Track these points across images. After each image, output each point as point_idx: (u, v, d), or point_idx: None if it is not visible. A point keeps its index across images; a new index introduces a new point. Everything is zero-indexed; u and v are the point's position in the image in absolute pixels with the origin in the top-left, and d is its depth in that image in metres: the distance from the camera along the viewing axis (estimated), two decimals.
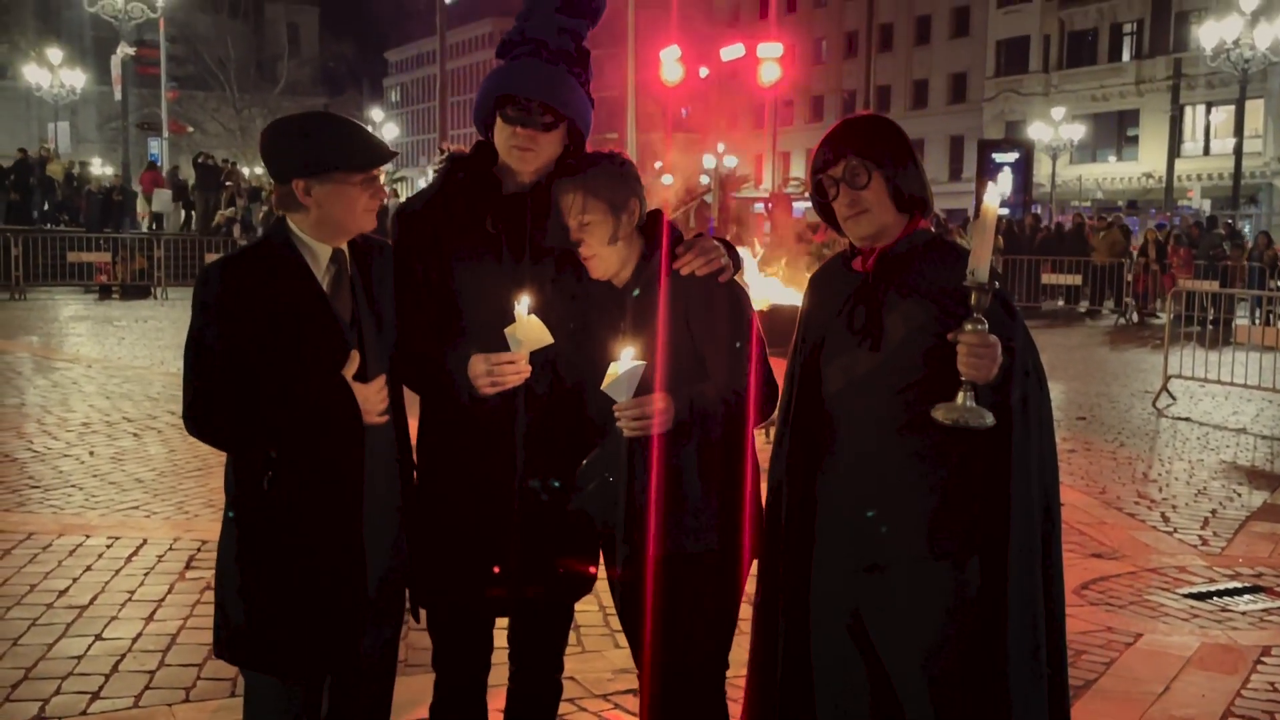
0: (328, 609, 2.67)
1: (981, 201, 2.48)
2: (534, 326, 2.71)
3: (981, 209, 2.39)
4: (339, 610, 2.68)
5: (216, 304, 2.64)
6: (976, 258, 2.32)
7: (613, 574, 2.94)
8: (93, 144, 55.67)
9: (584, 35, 2.97)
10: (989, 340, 2.34)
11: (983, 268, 2.32)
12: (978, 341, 2.33)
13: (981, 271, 2.32)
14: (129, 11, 27.70)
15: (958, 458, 2.51)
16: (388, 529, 2.80)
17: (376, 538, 2.74)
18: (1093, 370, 14.62)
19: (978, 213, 2.55)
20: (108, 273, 22.38)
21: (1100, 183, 46.62)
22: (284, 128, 2.74)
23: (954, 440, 2.46)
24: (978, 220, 2.38)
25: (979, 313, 2.33)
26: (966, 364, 2.35)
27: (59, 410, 9.69)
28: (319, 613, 2.66)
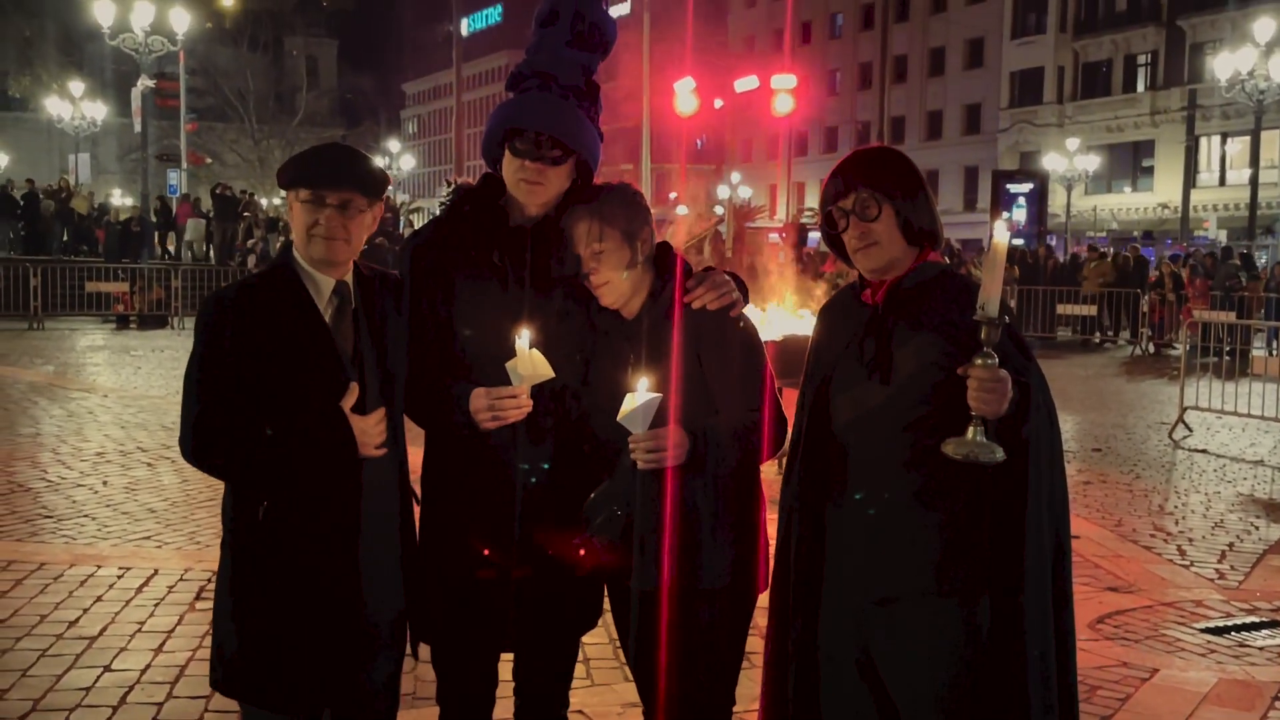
0: (322, 641, 2.66)
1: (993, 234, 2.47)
2: (535, 360, 2.71)
3: (991, 244, 2.37)
4: (334, 643, 2.67)
5: (217, 333, 2.65)
6: (987, 292, 2.31)
7: (620, 608, 2.93)
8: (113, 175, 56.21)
9: (594, 69, 2.99)
10: (999, 375, 2.32)
11: (993, 302, 2.30)
12: (988, 376, 2.31)
13: (992, 306, 2.30)
14: (149, 45, 27.97)
15: (968, 493, 2.49)
16: (386, 562, 2.79)
17: (374, 570, 2.73)
18: (1108, 401, 14.54)
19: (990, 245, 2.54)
20: (125, 303, 22.52)
21: (1115, 213, 46.55)
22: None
23: (964, 475, 2.44)
24: (987, 255, 2.36)
25: (989, 347, 2.32)
26: (977, 399, 2.33)
27: (74, 440, 9.73)
28: (313, 645, 2.66)
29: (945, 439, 2.37)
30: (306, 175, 2.72)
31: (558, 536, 2.84)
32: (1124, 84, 47.92)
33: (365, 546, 2.73)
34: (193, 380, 2.68)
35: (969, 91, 53.81)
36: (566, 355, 2.83)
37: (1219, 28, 42.74)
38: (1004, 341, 2.45)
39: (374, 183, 2.76)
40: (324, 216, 2.68)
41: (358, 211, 2.73)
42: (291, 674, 2.65)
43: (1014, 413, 2.38)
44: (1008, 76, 51.48)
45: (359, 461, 2.69)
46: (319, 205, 2.68)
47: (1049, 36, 49.74)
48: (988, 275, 2.31)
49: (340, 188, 2.70)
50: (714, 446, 2.75)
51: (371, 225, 2.81)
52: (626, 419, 2.67)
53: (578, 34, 2.94)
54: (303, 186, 2.71)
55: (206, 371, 2.66)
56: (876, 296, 2.66)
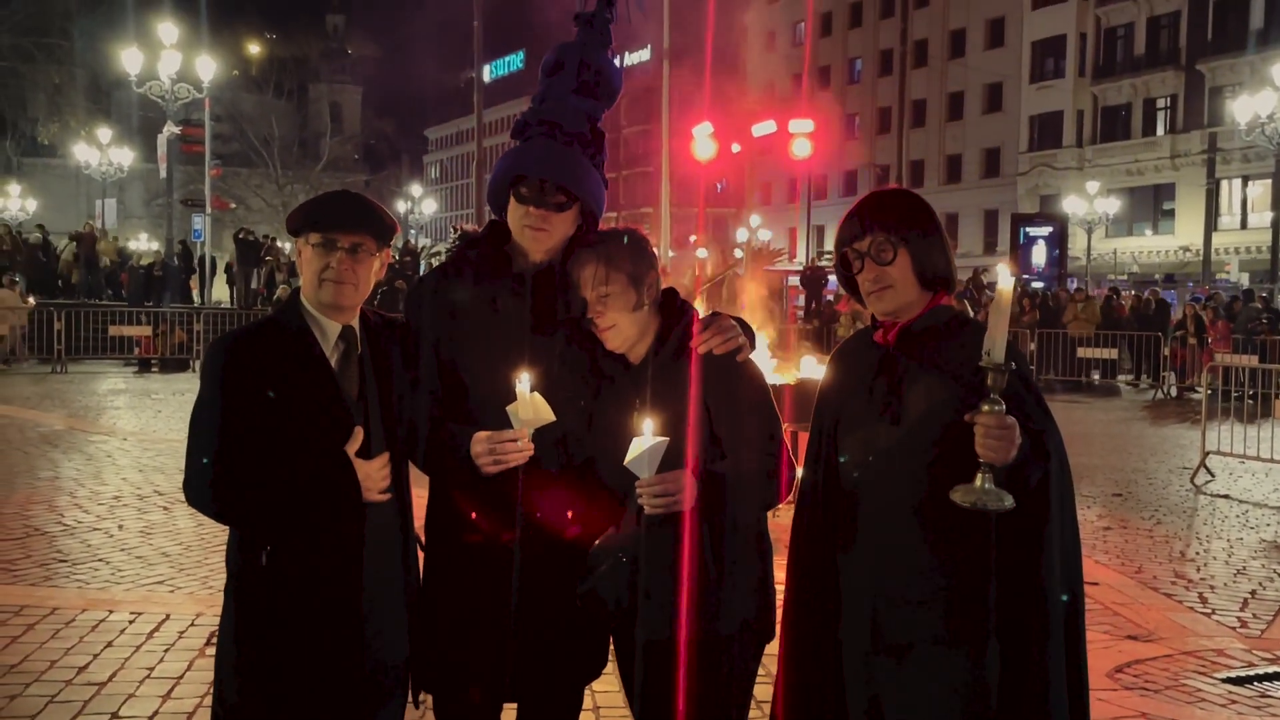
0: (325, 688, 2.64)
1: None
2: (536, 404, 2.70)
3: (996, 290, 2.36)
4: (337, 690, 2.66)
5: (222, 377, 2.66)
6: (992, 338, 2.28)
7: (626, 658, 2.90)
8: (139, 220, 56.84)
9: (599, 117, 3.01)
10: (1006, 422, 2.29)
11: (999, 348, 2.28)
12: (995, 423, 2.28)
13: (998, 351, 2.28)
14: (175, 92, 28.37)
15: (979, 540, 2.45)
16: (389, 608, 2.77)
17: (377, 617, 2.72)
18: (1129, 445, 14.41)
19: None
20: (146, 346, 22.69)
21: (1137, 256, 46.44)
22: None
23: (975, 521, 2.40)
24: (993, 301, 2.35)
25: (996, 393, 2.29)
26: (984, 445, 2.29)
27: (91, 484, 9.77)
28: (316, 692, 2.64)
29: (955, 484, 2.34)
30: (317, 219, 2.74)
31: (561, 584, 2.82)
32: (1144, 127, 47.99)
33: (368, 593, 2.71)
34: (198, 425, 2.69)
35: (988, 135, 53.98)
36: (569, 400, 2.83)
37: (1238, 71, 42.80)
38: (1016, 387, 2.43)
39: (384, 228, 2.78)
40: (335, 260, 2.70)
41: (368, 256, 2.75)
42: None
43: (1024, 460, 2.35)
44: (1027, 120, 51.64)
45: (363, 507, 2.69)
46: (330, 249, 2.70)
47: (1068, 80, 49.92)
48: (993, 321, 2.29)
49: (351, 231, 2.72)
50: (721, 491, 2.73)
51: (379, 271, 2.83)
52: (633, 463, 2.65)
53: (583, 83, 2.96)
54: (313, 230, 2.73)
55: (211, 416, 2.66)
56: (888, 337, 2.65)
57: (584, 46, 3.02)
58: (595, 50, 3.02)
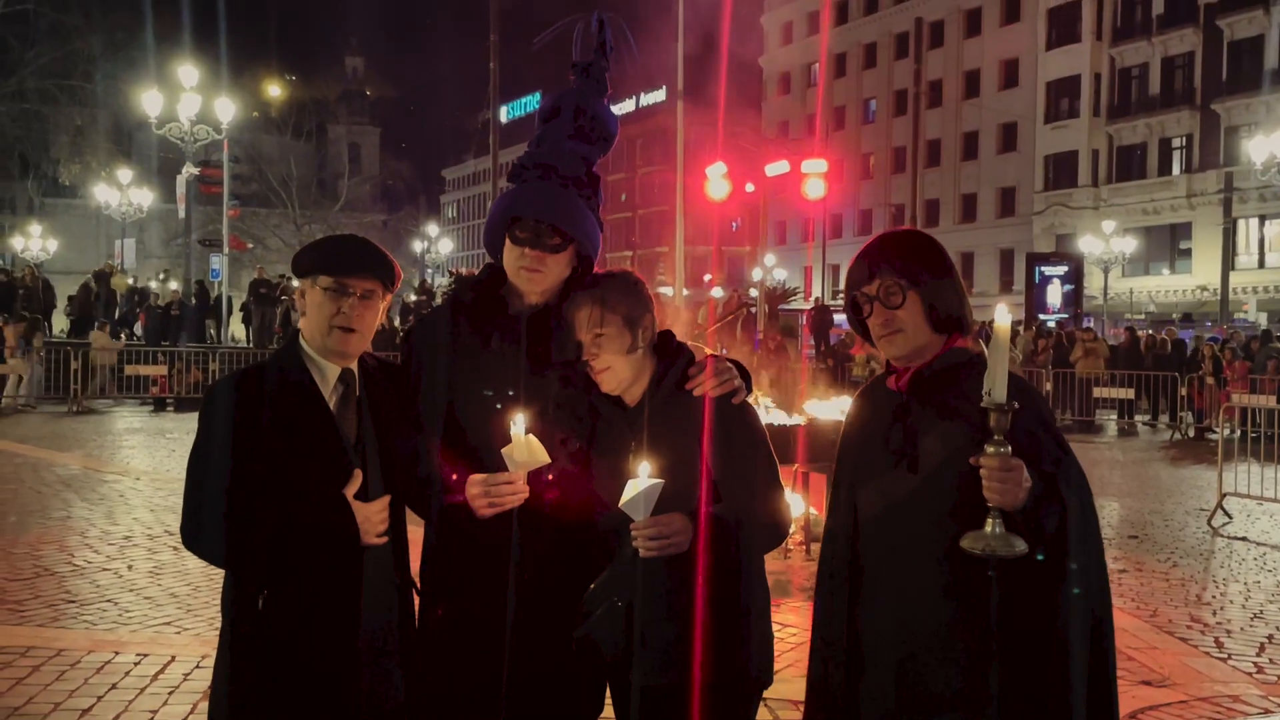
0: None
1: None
2: (531, 446, 2.69)
3: (994, 329, 2.33)
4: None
5: (221, 419, 2.67)
6: (992, 377, 2.25)
7: (621, 704, 2.87)
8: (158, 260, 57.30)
9: (594, 161, 3.02)
10: (1011, 464, 2.24)
11: (999, 387, 2.24)
12: (999, 465, 2.24)
13: (999, 391, 2.24)
14: (195, 134, 28.66)
15: (1000, 590, 2.37)
16: (385, 652, 2.75)
17: (372, 660, 2.71)
18: (1145, 487, 14.29)
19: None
20: (163, 386, 22.79)
21: (1153, 296, 46.30)
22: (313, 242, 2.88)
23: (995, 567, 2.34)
24: (991, 340, 2.31)
25: (1000, 434, 2.25)
26: (990, 489, 2.25)
27: (103, 523, 9.78)
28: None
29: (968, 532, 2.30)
30: (329, 264, 2.74)
31: (555, 628, 2.80)
32: (1159, 167, 48.02)
33: (365, 637, 2.70)
34: (195, 468, 2.70)
35: (1003, 174, 54.09)
36: (565, 442, 2.82)
37: (1253, 111, 42.85)
38: (1033, 428, 2.39)
39: (392, 274, 2.80)
40: (347, 305, 2.71)
41: (376, 301, 2.77)
42: None
43: (1037, 504, 2.29)
44: (1041, 159, 51.74)
45: (360, 550, 2.68)
46: (342, 294, 2.71)
47: (1082, 120, 50.03)
48: (992, 360, 2.25)
49: (364, 277, 2.73)
50: (718, 534, 2.71)
51: (382, 316, 2.84)
52: (628, 505, 2.63)
53: (579, 128, 2.98)
54: (324, 274, 2.73)
55: (209, 459, 2.67)
56: (900, 383, 2.61)
57: (580, 93, 3.04)
58: (591, 97, 3.04)
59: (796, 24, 67.06)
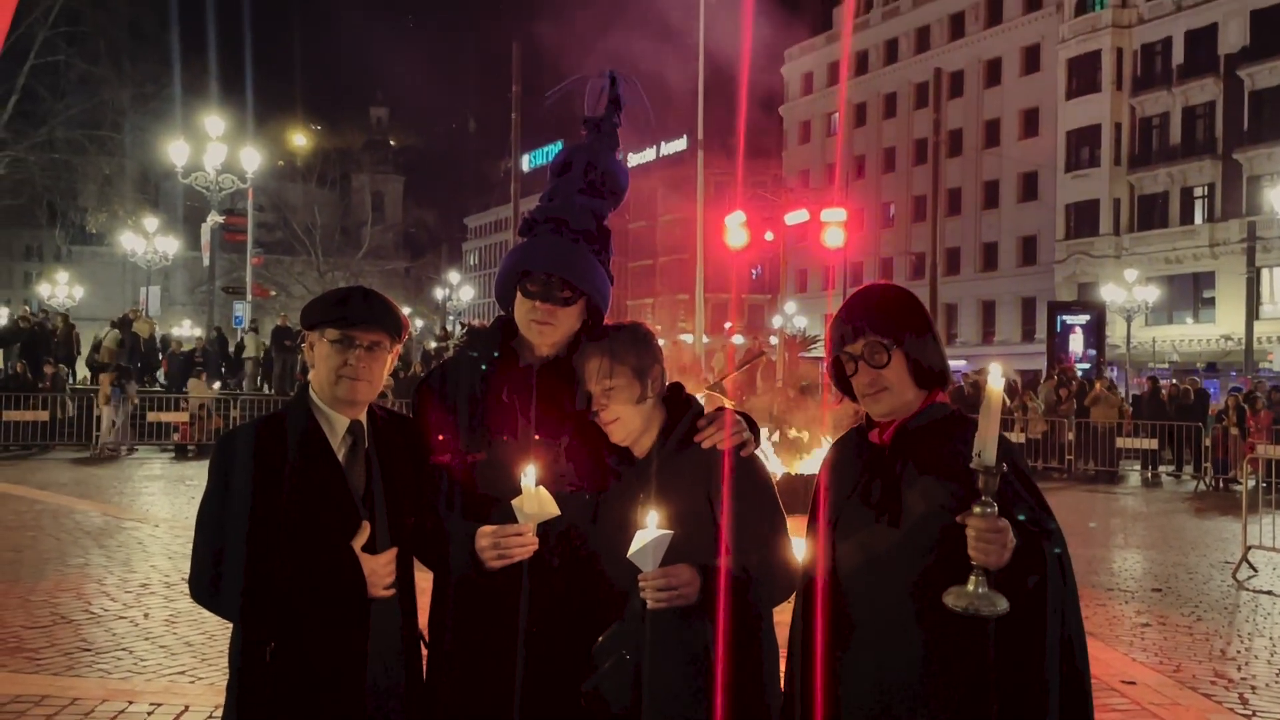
0: None
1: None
2: (541, 498, 2.70)
3: (985, 390, 2.33)
4: None
5: (229, 472, 2.68)
6: (983, 439, 2.26)
7: None
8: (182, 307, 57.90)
9: (605, 215, 3.05)
10: (998, 525, 2.25)
11: (989, 449, 2.25)
12: (986, 526, 2.24)
13: (988, 453, 2.25)
14: (220, 183, 29.03)
15: (981, 648, 2.38)
16: (392, 706, 2.74)
17: (380, 714, 2.69)
18: (1169, 538, 14.13)
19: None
20: (184, 433, 22.91)
21: (1177, 345, 46.03)
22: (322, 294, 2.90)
23: (977, 629, 2.34)
24: (983, 401, 2.31)
25: (988, 495, 2.26)
26: (976, 549, 2.25)
27: (120, 571, 9.79)
28: None
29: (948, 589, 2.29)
30: (337, 316, 2.77)
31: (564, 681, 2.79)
32: (1181, 216, 47.94)
33: (372, 690, 2.69)
34: (204, 519, 2.70)
35: (1024, 223, 54.10)
36: (574, 493, 2.82)
37: (1275, 161, 42.83)
38: (1013, 487, 2.39)
39: (399, 326, 2.82)
40: (353, 357, 2.73)
41: (383, 353, 2.79)
42: None
43: (1020, 563, 2.29)
44: (1063, 208, 51.73)
45: (368, 603, 2.68)
46: (348, 346, 2.73)
47: (1103, 170, 50.07)
48: (983, 421, 2.26)
49: (370, 329, 2.75)
50: (726, 586, 2.70)
51: (391, 367, 2.86)
52: (636, 556, 2.63)
53: (590, 183, 3.02)
54: (331, 327, 2.76)
55: (217, 511, 2.68)
56: (884, 436, 2.62)
57: (592, 149, 3.08)
58: (603, 152, 3.08)
59: (816, 74, 67.58)
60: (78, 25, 35.59)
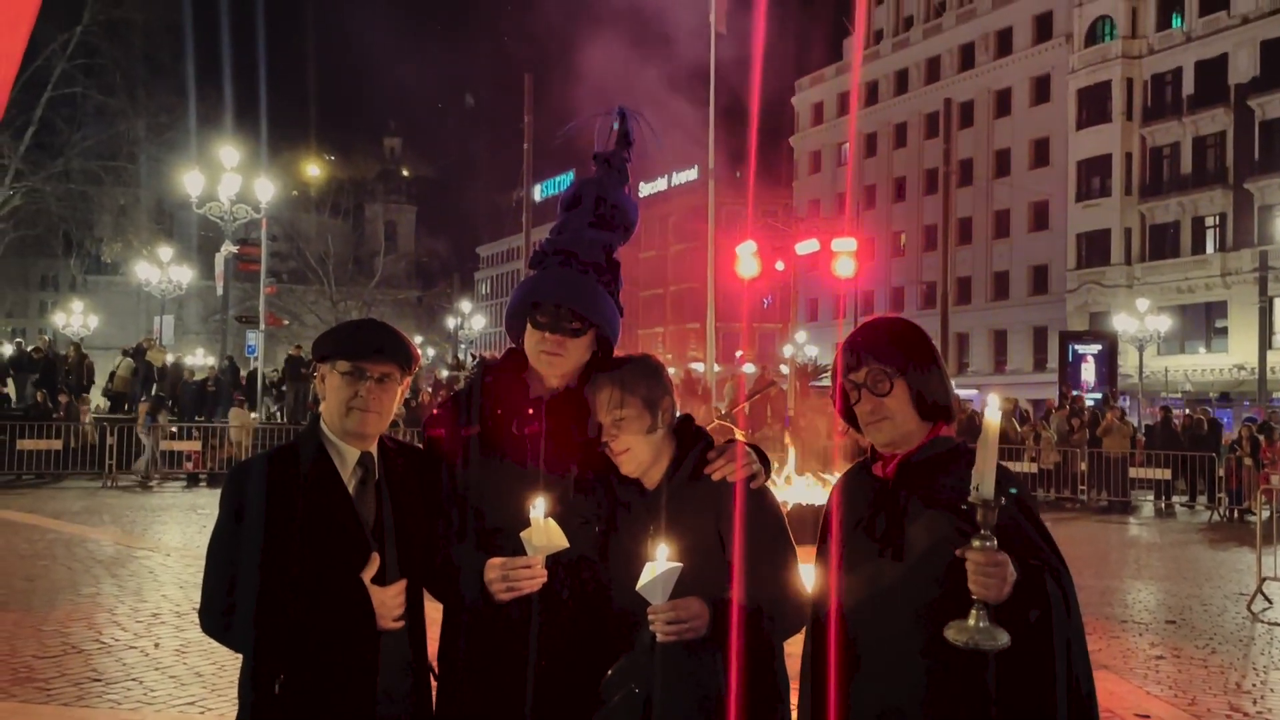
0: None
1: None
2: (550, 530, 2.70)
3: (983, 422, 2.33)
4: None
5: (240, 504, 2.69)
6: (980, 472, 2.26)
7: None
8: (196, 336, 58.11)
9: (614, 248, 3.07)
10: (997, 559, 2.25)
11: (987, 482, 2.25)
12: (985, 560, 2.25)
13: (986, 486, 2.25)
14: (234, 213, 29.17)
15: (984, 684, 2.38)
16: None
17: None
18: (1183, 570, 14.03)
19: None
20: (196, 461, 22.94)
21: (1190, 375, 45.85)
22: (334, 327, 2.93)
23: (980, 663, 2.35)
24: (980, 434, 2.32)
25: (987, 528, 2.26)
26: (976, 582, 2.26)
27: (132, 600, 9.80)
28: None
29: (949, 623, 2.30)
30: (347, 349, 2.79)
31: (574, 714, 2.78)
32: (1193, 245, 47.87)
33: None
34: (214, 552, 2.71)
35: (1035, 252, 54.07)
36: (583, 526, 2.83)
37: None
38: (1017, 519, 2.39)
39: (409, 358, 2.84)
40: (364, 389, 2.75)
41: (394, 385, 2.81)
42: None
43: (1022, 596, 2.29)
44: (1074, 238, 51.71)
45: (377, 635, 2.68)
46: (359, 378, 2.75)
47: (1114, 199, 50.07)
48: (980, 454, 2.27)
49: (380, 361, 2.77)
50: (737, 619, 2.70)
51: (401, 399, 2.88)
52: (645, 589, 2.63)
53: (600, 216, 3.04)
54: (342, 359, 2.78)
55: (227, 543, 2.69)
56: (887, 470, 2.63)
57: (602, 183, 3.10)
58: (613, 187, 3.10)
59: (827, 104, 67.82)
60: (95, 58, 35.94)
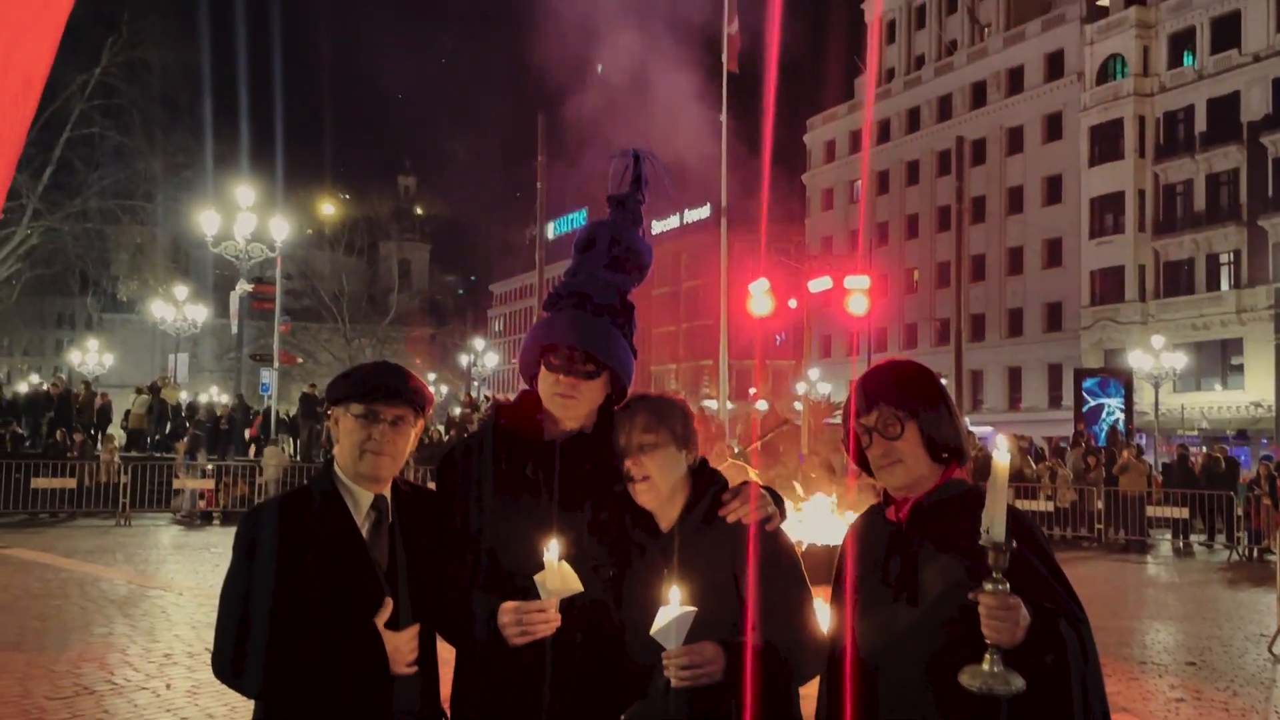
0: None
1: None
2: (564, 574, 2.68)
3: (992, 466, 2.31)
4: None
5: (254, 549, 2.68)
6: (990, 515, 2.25)
7: None
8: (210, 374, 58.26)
9: (628, 290, 3.07)
10: (1009, 602, 2.24)
11: (998, 525, 2.24)
12: (997, 604, 2.23)
13: (997, 529, 2.24)
14: (249, 252, 29.38)
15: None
16: None
17: None
18: (1203, 610, 13.88)
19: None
20: (209, 499, 22.96)
21: (1206, 412, 45.60)
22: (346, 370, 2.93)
23: (994, 705, 2.31)
24: (990, 477, 2.30)
25: (999, 572, 2.24)
26: (989, 627, 2.24)
27: (144, 641, 9.78)
28: None
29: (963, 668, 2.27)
30: (361, 391, 2.79)
31: None
32: (1207, 282, 47.75)
33: None
34: (228, 596, 2.70)
35: (1049, 289, 54.00)
36: (597, 569, 2.81)
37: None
38: (1030, 563, 2.37)
39: (423, 401, 2.84)
40: (377, 432, 2.75)
41: (408, 428, 2.80)
42: None
43: (1037, 640, 2.27)
44: (1087, 275, 51.64)
45: (390, 680, 2.66)
46: (373, 421, 2.75)
47: (1128, 236, 50.04)
48: (990, 497, 2.26)
49: (394, 404, 2.77)
50: (752, 664, 2.67)
51: (414, 442, 2.87)
52: (660, 633, 2.60)
53: (614, 259, 3.04)
54: (356, 402, 2.78)
55: (241, 588, 2.68)
56: (900, 514, 2.61)
57: (615, 225, 3.10)
58: (626, 229, 3.10)
59: (839, 142, 68.10)
60: (113, 98, 36.34)
